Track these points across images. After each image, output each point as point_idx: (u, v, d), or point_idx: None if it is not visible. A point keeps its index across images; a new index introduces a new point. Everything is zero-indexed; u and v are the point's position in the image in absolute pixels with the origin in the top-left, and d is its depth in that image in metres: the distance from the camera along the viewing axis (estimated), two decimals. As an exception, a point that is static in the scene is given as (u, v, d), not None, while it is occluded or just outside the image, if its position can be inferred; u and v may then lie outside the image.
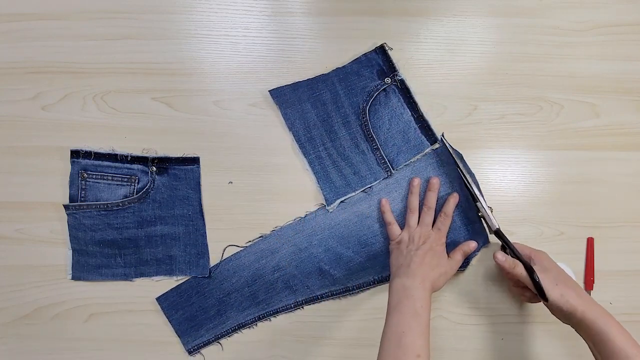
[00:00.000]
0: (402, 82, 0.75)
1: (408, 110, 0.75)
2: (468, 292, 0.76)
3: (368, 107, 0.75)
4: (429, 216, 0.73)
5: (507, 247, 0.68)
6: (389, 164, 0.75)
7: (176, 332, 0.75)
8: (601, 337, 0.60)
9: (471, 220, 0.75)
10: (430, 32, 0.77)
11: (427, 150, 0.75)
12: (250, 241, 0.76)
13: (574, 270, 0.75)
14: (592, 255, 0.75)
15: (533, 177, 0.76)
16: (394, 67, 0.75)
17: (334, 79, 0.75)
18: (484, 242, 0.75)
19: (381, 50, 0.75)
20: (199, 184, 0.75)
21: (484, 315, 0.76)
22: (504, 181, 0.76)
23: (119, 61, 0.75)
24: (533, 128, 0.76)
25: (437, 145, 0.75)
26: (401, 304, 0.63)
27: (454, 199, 0.73)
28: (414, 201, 0.74)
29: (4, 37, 0.75)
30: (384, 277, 0.75)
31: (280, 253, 0.76)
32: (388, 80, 0.75)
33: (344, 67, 0.75)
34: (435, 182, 0.74)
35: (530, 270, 0.65)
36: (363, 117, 0.75)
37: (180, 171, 0.75)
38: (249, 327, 0.76)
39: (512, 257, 0.67)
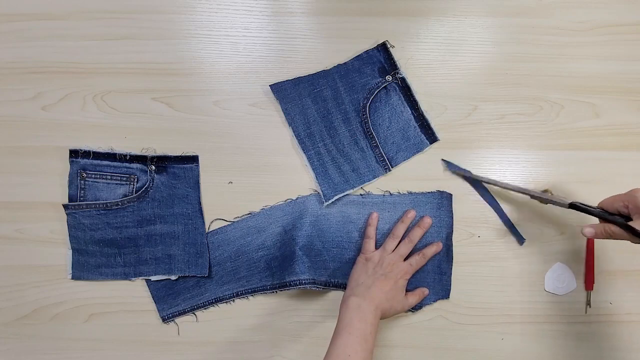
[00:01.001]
0: (403, 80, 0.75)
1: (408, 108, 0.76)
2: (468, 292, 0.76)
3: (368, 104, 0.75)
4: (406, 248, 0.73)
5: (590, 214, 0.63)
6: (387, 161, 0.75)
7: (153, 297, 0.75)
8: None
9: (442, 272, 0.75)
10: (430, 32, 0.77)
11: (426, 149, 0.75)
12: (238, 217, 0.76)
13: (574, 271, 0.76)
14: (592, 255, 0.75)
15: (533, 177, 0.76)
16: (395, 65, 0.75)
17: (335, 75, 0.75)
18: (445, 295, 0.75)
19: (383, 48, 0.75)
20: (198, 182, 0.75)
21: (484, 315, 0.76)
22: (503, 181, 0.76)
23: (119, 61, 0.75)
24: (533, 128, 0.76)
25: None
26: (352, 325, 0.63)
27: (436, 247, 0.74)
28: (401, 229, 0.74)
29: (4, 37, 0.75)
30: (335, 283, 0.75)
31: (266, 232, 0.75)
32: (389, 77, 0.75)
33: (345, 63, 0.75)
34: (428, 222, 0.74)
35: (627, 227, 0.58)
36: (363, 114, 0.75)
37: (179, 170, 0.75)
38: (226, 302, 0.76)
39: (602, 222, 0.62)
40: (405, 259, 0.73)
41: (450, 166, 0.75)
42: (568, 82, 0.77)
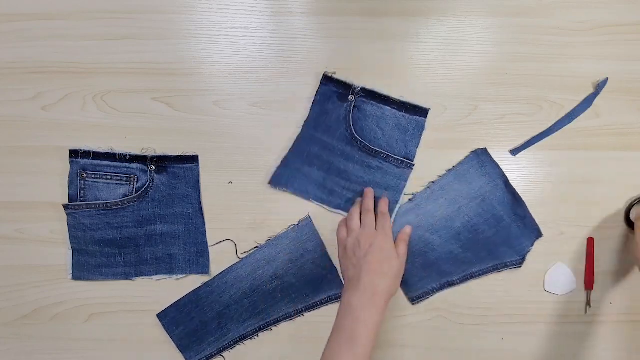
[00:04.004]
0: (363, 89, 0.74)
1: (386, 106, 0.75)
2: (468, 292, 0.76)
3: (353, 130, 0.74)
4: (369, 218, 0.71)
5: None
6: (405, 160, 0.75)
7: (178, 347, 0.75)
8: None
9: (521, 216, 0.75)
10: (430, 32, 0.77)
11: (426, 123, 0.75)
12: (245, 252, 0.76)
13: (574, 271, 0.76)
14: (592, 255, 0.75)
15: (533, 177, 0.76)
16: (348, 84, 0.74)
17: (310, 131, 0.75)
18: (536, 235, 0.75)
19: (328, 80, 0.75)
20: (198, 182, 0.75)
21: (484, 315, 0.76)
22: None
23: (119, 61, 0.75)
24: (533, 128, 0.76)
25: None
26: (341, 326, 0.60)
27: (384, 200, 0.73)
28: (355, 212, 0.72)
29: (4, 37, 0.75)
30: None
31: (276, 262, 0.75)
32: (351, 97, 0.74)
33: (309, 116, 0.75)
34: (368, 190, 0.73)
35: None
36: (355, 141, 0.75)
37: (179, 170, 0.75)
38: (251, 338, 0.76)
39: None
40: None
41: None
42: (568, 82, 0.76)
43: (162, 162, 0.75)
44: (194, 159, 0.75)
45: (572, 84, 0.76)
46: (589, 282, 0.75)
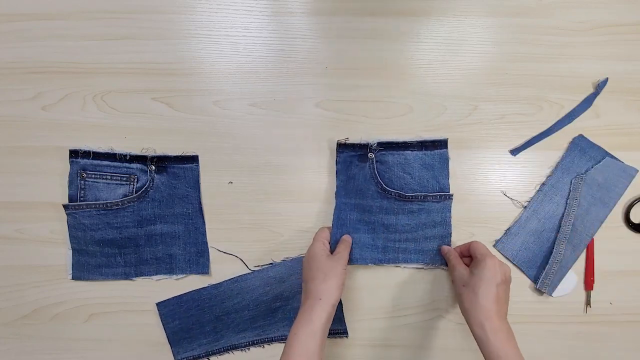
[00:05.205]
0: (379, 143, 0.74)
1: (406, 151, 0.74)
2: (468, 292, 0.76)
3: (383, 184, 0.74)
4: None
5: None
6: (442, 193, 0.74)
7: (169, 340, 0.75)
8: None
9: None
10: (430, 32, 0.77)
11: (450, 153, 0.75)
12: (259, 266, 0.76)
13: (574, 271, 0.76)
14: (592, 255, 0.75)
15: (533, 177, 0.76)
16: (364, 144, 0.74)
17: (343, 200, 0.75)
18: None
19: (343, 147, 0.75)
20: (198, 182, 0.75)
21: (484, 315, 0.76)
22: (504, 181, 0.76)
23: (119, 61, 0.75)
24: (533, 128, 0.76)
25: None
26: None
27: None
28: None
29: (4, 37, 0.75)
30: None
31: (286, 283, 0.75)
32: (371, 155, 0.74)
33: (337, 187, 0.75)
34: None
35: None
36: (389, 194, 0.73)
37: (179, 170, 0.75)
38: (242, 349, 0.76)
39: None
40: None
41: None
42: (568, 82, 0.77)
43: (162, 162, 0.75)
44: (193, 159, 0.75)
45: (572, 84, 0.76)
46: (589, 282, 0.75)
